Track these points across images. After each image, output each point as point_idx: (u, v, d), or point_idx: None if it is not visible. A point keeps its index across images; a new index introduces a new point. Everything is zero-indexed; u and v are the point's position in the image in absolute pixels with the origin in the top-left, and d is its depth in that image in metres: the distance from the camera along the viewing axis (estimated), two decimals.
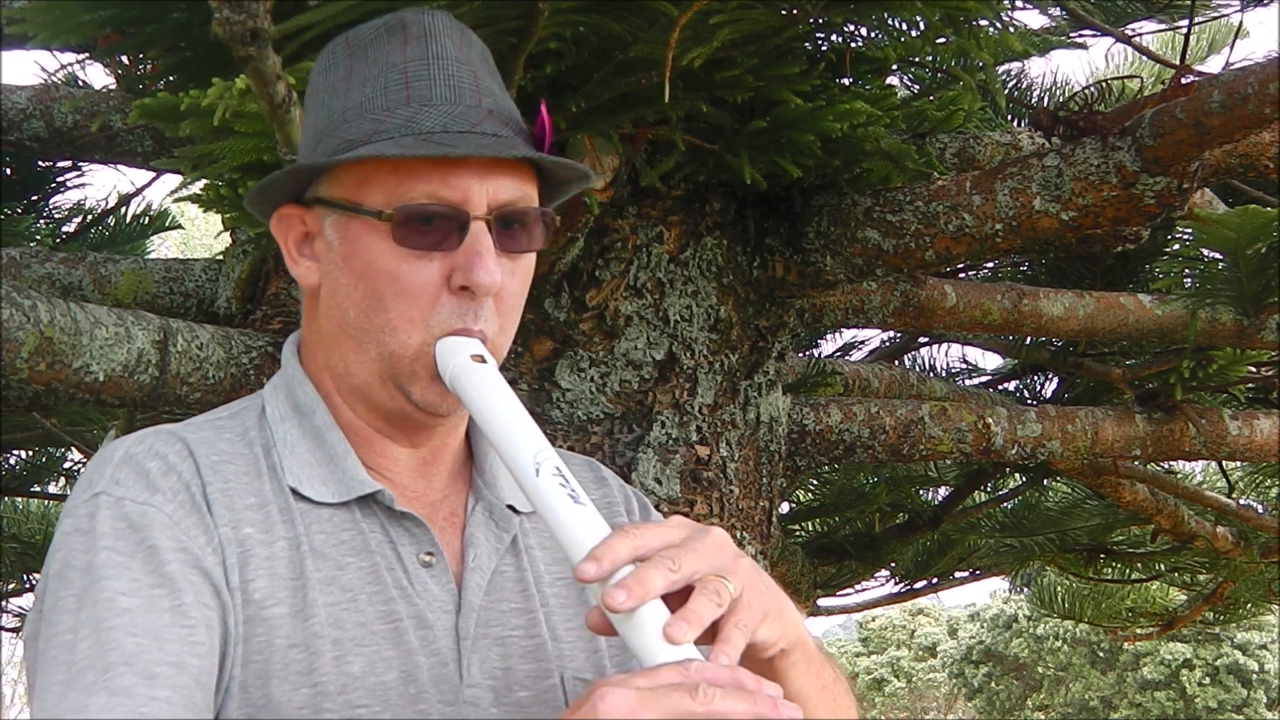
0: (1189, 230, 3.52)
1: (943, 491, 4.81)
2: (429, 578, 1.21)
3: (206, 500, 1.16)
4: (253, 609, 1.14)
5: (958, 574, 5.39)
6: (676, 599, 1.04)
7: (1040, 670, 22.07)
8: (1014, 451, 3.31)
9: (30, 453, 4.80)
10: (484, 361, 1.18)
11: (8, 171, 3.68)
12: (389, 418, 1.24)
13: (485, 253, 1.18)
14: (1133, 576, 5.41)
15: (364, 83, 1.21)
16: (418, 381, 1.20)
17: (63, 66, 3.54)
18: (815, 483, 4.73)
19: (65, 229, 4.05)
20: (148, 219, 4.14)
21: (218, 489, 1.17)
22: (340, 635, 1.15)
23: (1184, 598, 5.80)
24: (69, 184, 3.85)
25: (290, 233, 1.26)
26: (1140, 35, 4.24)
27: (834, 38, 2.60)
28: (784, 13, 2.13)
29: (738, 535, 2.59)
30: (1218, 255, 3.10)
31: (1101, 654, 21.54)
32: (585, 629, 1.25)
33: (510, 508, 1.28)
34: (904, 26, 2.53)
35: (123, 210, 4.10)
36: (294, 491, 1.20)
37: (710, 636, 1.05)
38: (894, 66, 2.89)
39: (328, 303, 1.24)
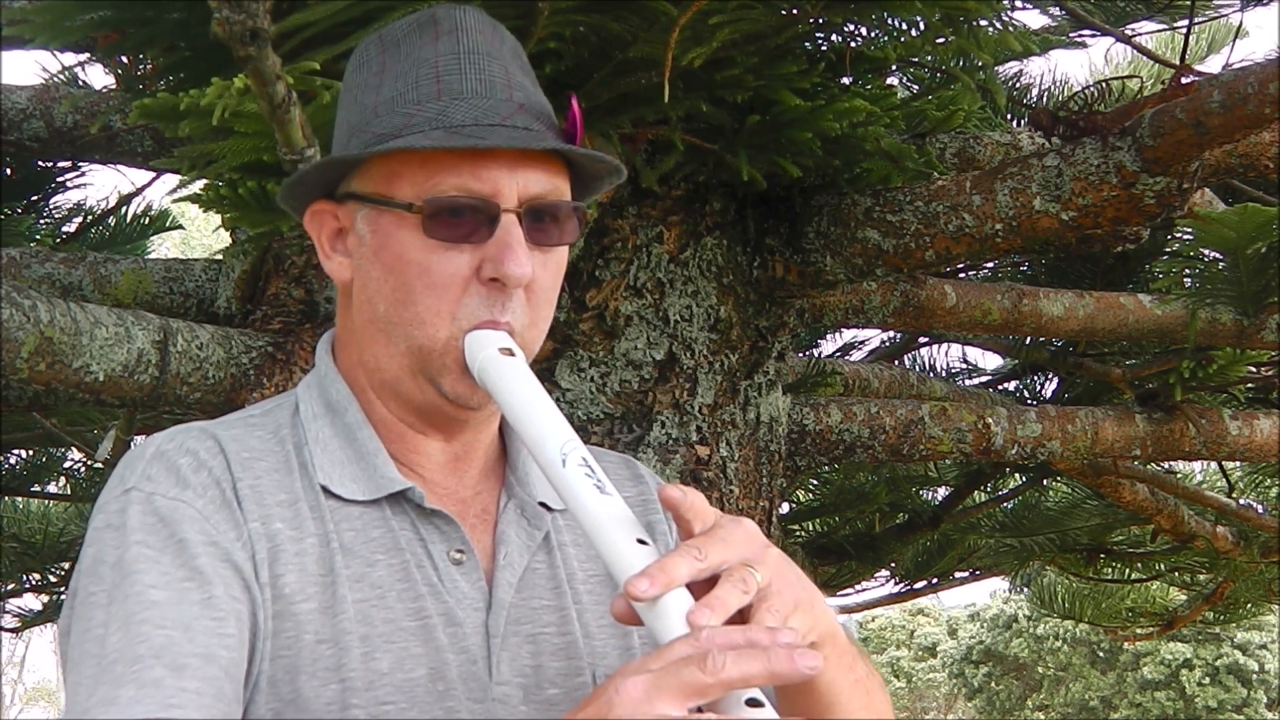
0: (1189, 230, 3.52)
1: (943, 491, 4.81)
2: (459, 575, 1.20)
3: (237, 496, 1.16)
4: (282, 604, 1.14)
5: (958, 574, 5.38)
6: (703, 590, 1.03)
7: (1040, 670, 22.06)
8: (1014, 451, 3.31)
9: (30, 453, 4.80)
10: (512, 354, 1.18)
11: (8, 171, 3.68)
12: (420, 412, 1.24)
13: (515, 245, 1.17)
14: (1133, 576, 5.41)
15: (395, 78, 1.21)
16: (448, 374, 1.20)
17: (64, 68, 3.54)
18: (815, 483, 4.73)
19: (65, 229, 4.05)
20: (148, 219, 4.14)
21: (248, 485, 1.17)
22: (369, 632, 1.15)
23: (1184, 598, 5.80)
24: (69, 184, 3.85)
25: (323, 228, 1.26)
26: (1140, 35, 4.25)
27: (834, 38, 2.60)
28: (784, 13, 2.12)
29: None
30: (1218, 255, 3.10)
31: (1101, 654, 21.53)
32: (618, 626, 1.24)
33: (543, 505, 1.28)
34: (904, 26, 2.52)
35: (123, 210, 4.10)
36: (325, 489, 1.20)
37: None
38: (894, 66, 2.89)
39: (359, 297, 1.24)
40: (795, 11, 2.14)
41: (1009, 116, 3.88)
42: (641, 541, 1.06)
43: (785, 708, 0.99)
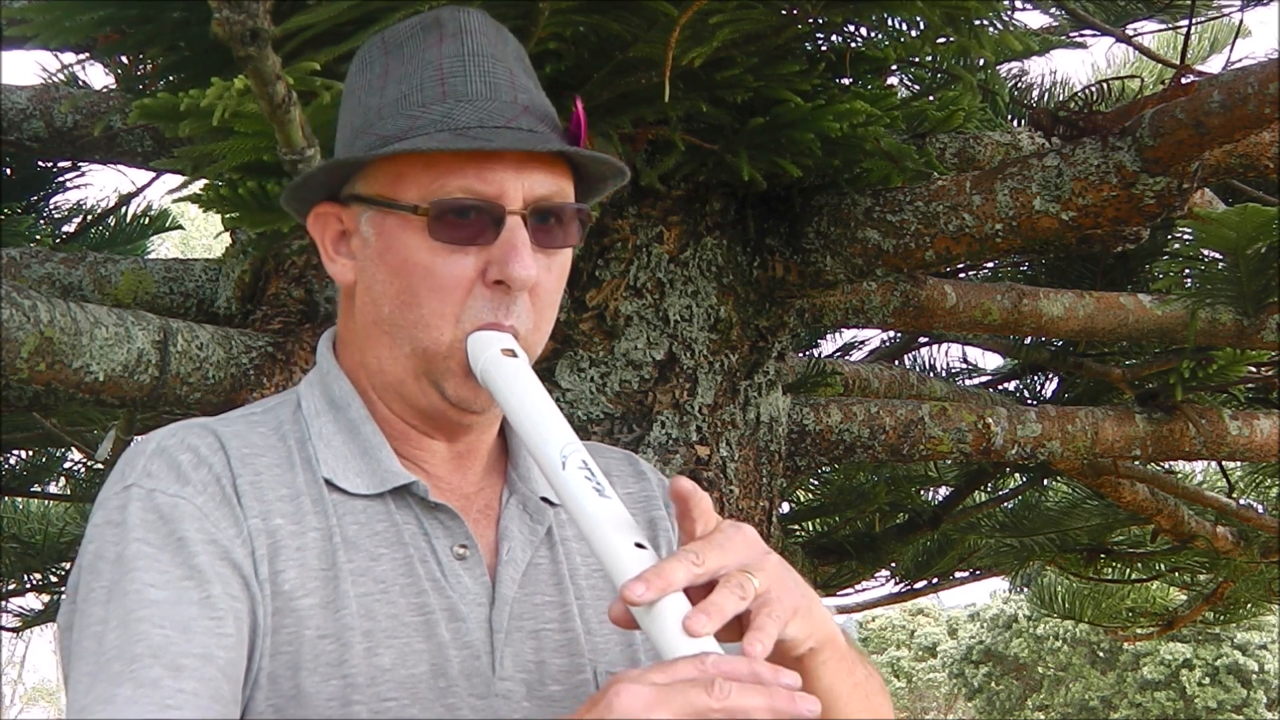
0: (1189, 230, 3.52)
1: (943, 491, 4.81)
2: (463, 570, 1.20)
3: (237, 492, 1.16)
4: (282, 600, 1.14)
5: (958, 574, 5.39)
6: (701, 595, 1.03)
7: (1040, 670, 22.06)
8: (1014, 451, 3.31)
9: (30, 453, 4.80)
10: (515, 355, 1.18)
11: (8, 171, 3.68)
12: (424, 415, 1.24)
13: (521, 247, 1.17)
14: (1133, 576, 5.41)
15: (399, 80, 1.21)
16: (451, 377, 1.20)
17: (63, 67, 3.54)
18: (815, 483, 4.73)
19: (65, 229, 4.05)
20: (148, 219, 4.14)
21: (248, 481, 1.17)
22: (372, 627, 1.15)
23: (1184, 598, 5.80)
24: (69, 184, 3.85)
25: (327, 231, 1.26)
26: (1140, 35, 4.25)
27: (834, 38, 2.60)
28: (784, 12, 2.13)
29: None
30: (1218, 255, 3.10)
31: (1101, 654, 21.53)
32: None
33: (545, 500, 1.28)
34: (904, 26, 2.53)
35: (123, 210, 4.10)
36: (329, 483, 1.20)
37: (736, 633, 1.04)
38: (894, 66, 2.89)
39: (363, 299, 1.24)
40: (795, 11, 2.14)
41: (1009, 116, 3.88)
42: (640, 545, 1.06)
43: None
